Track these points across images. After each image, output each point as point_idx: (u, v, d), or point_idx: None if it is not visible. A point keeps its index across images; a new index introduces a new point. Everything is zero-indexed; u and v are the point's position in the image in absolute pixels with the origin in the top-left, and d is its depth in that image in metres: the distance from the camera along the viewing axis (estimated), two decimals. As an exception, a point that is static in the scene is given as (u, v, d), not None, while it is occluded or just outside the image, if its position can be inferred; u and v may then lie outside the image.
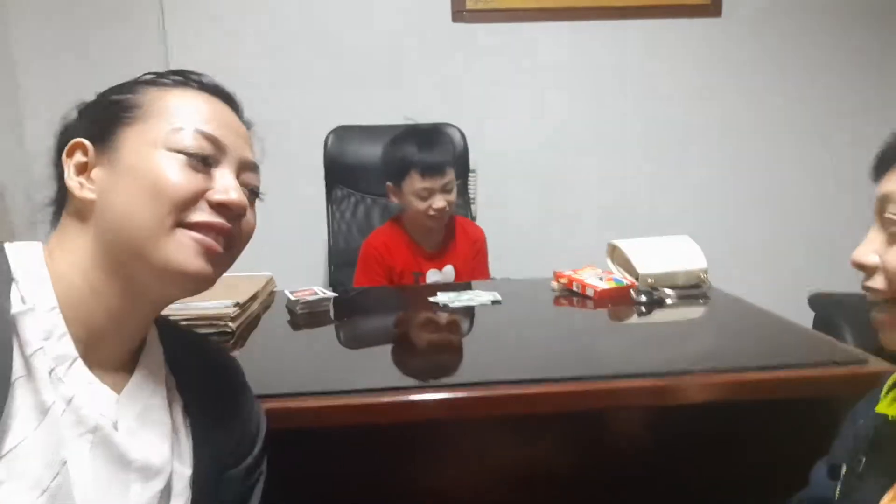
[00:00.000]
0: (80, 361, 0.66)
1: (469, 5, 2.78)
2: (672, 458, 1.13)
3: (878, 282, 0.70)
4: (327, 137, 2.42)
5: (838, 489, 0.80)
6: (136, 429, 0.70)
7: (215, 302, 1.34)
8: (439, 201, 1.94)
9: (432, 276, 2.03)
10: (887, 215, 0.68)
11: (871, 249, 0.70)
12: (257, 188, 0.78)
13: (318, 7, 2.75)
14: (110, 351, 0.70)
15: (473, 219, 2.77)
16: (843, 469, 0.80)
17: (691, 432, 1.12)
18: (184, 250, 0.69)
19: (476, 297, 1.55)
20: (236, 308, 1.36)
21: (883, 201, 0.69)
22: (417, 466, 1.11)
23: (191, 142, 0.70)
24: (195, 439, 0.75)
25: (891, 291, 0.69)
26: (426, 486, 1.12)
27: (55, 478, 0.61)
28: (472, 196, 2.81)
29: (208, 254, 0.70)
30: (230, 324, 1.33)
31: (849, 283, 2.27)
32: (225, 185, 0.72)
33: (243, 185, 0.75)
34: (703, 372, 1.08)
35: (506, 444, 1.14)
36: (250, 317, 1.45)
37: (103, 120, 0.72)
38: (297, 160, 2.52)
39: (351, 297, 1.75)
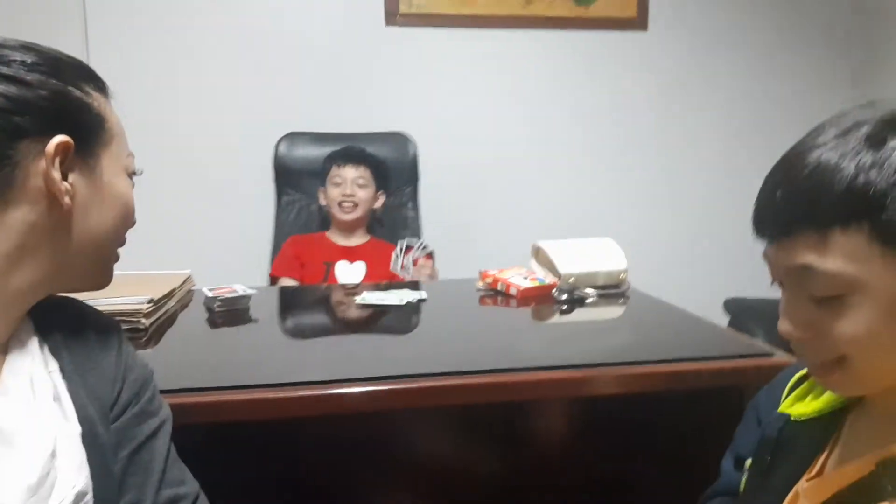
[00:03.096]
0: None
1: (402, 9, 2.78)
2: (590, 450, 1.15)
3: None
4: (278, 143, 2.50)
5: (743, 481, 0.81)
6: (28, 398, 0.68)
7: (128, 297, 1.30)
8: (349, 189, 2.25)
9: (341, 266, 2.20)
10: (815, 293, 0.62)
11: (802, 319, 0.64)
12: None
13: (251, 8, 2.70)
14: None
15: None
16: (748, 462, 0.82)
17: (607, 424, 1.14)
18: (112, 267, 0.79)
19: (401, 295, 1.55)
20: (150, 304, 1.32)
21: (799, 273, 0.62)
22: (338, 461, 1.10)
23: (135, 167, 0.79)
24: (75, 400, 0.73)
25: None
26: (347, 480, 1.11)
27: None
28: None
29: None
30: (143, 320, 1.28)
31: (762, 289, 2.37)
32: None
33: None
34: (618, 364, 1.11)
35: (427, 437, 1.15)
36: (166, 314, 1.40)
37: (85, 127, 0.72)
38: (245, 165, 2.57)
39: (272, 296, 1.71)
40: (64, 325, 0.78)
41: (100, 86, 0.76)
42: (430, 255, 2.03)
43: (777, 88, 3.06)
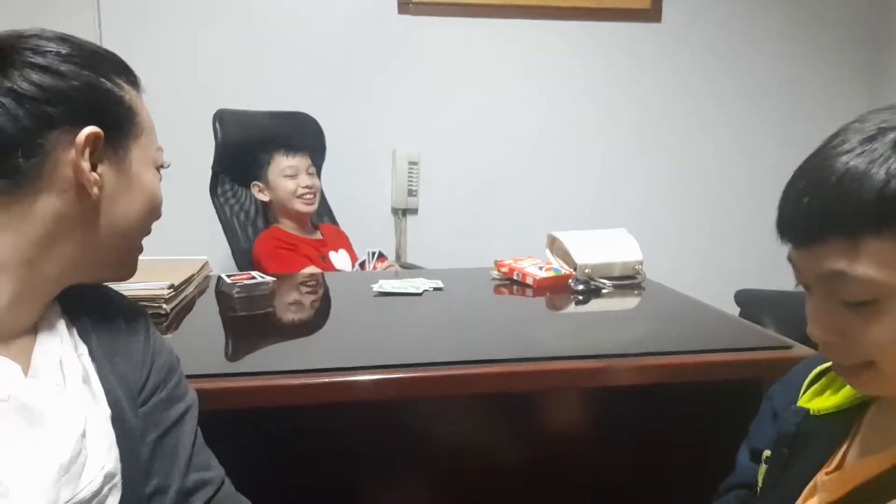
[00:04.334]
0: None
1: (415, -2, 2.78)
2: (605, 441, 1.16)
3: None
4: (214, 121, 2.27)
5: (761, 473, 0.82)
6: (58, 380, 0.69)
7: (150, 283, 1.31)
8: (306, 179, 2.12)
9: (333, 256, 2.14)
10: (847, 298, 0.62)
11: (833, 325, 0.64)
12: None
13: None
14: (21, 319, 0.70)
15: (415, 210, 2.81)
16: (766, 454, 0.82)
17: (624, 415, 1.15)
18: (137, 259, 0.80)
19: (418, 284, 1.56)
20: (171, 290, 1.33)
21: (830, 278, 0.62)
22: (354, 448, 1.12)
23: (163, 160, 0.80)
24: (104, 381, 0.75)
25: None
26: (363, 467, 1.13)
27: None
28: (414, 188, 2.83)
29: None
30: (164, 305, 1.30)
31: (772, 281, 2.35)
32: None
33: None
34: (636, 355, 1.11)
35: (444, 426, 1.16)
36: (185, 300, 1.42)
37: (116, 119, 0.73)
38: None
39: (289, 283, 1.72)
40: (91, 310, 0.79)
41: (132, 79, 0.77)
42: (382, 257, 2.05)
43: (792, 80, 3.05)
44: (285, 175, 2.12)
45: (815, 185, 0.62)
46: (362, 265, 2.04)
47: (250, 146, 2.24)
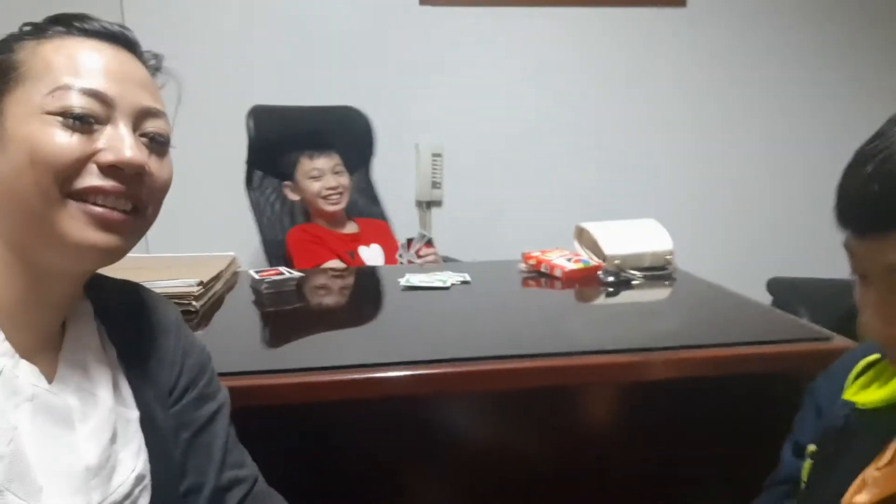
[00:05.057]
0: (1, 335, 0.64)
1: (436, -11, 2.75)
2: (639, 437, 1.14)
3: None
4: (248, 118, 2.33)
5: (805, 468, 0.80)
6: (86, 386, 0.69)
7: (179, 280, 1.31)
8: (331, 180, 2.18)
9: (363, 251, 2.17)
10: None
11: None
12: (163, 135, 0.70)
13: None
14: (36, 322, 0.68)
15: (440, 203, 2.79)
16: (810, 448, 0.80)
17: (658, 410, 1.13)
18: (76, 224, 0.64)
19: (445, 277, 1.55)
20: (200, 287, 1.33)
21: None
22: (383, 444, 1.11)
23: (70, 101, 0.64)
24: (133, 384, 0.74)
25: None
26: (391, 464, 1.12)
27: (9, 444, 0.60)
28: (438, 180, 2.81)
29: (106, 223, 0.65)
30: (194, 302, 1.30)
31: (804, 269, 2.30)
32: (114, 143, 0.65)
33: (144, 135, 0.68)
34: (671, 348, 1.09)
35: (474, 422, 1.14)
36: (214, 296, 1.42)
37: None
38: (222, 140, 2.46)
39: (316, 278, 1.72)
40: (122, 309, 0.78)
41: (34, 33, 0.68)
42: (429, 243, 2.06)
43: (820, 65, 2.98)
44: (310, 177, 2.20)
45: (884, 172, 0.58)
46: (409, 242, 2.04)
47: (281, 144, 2.31)
